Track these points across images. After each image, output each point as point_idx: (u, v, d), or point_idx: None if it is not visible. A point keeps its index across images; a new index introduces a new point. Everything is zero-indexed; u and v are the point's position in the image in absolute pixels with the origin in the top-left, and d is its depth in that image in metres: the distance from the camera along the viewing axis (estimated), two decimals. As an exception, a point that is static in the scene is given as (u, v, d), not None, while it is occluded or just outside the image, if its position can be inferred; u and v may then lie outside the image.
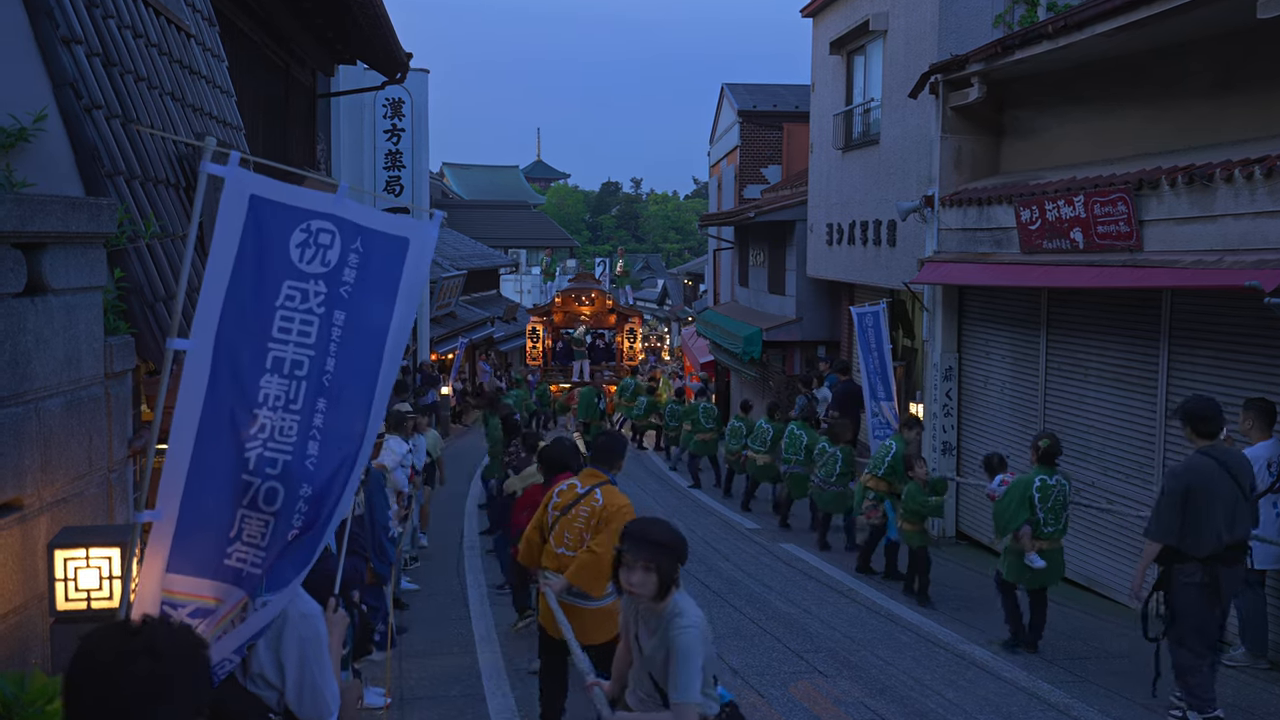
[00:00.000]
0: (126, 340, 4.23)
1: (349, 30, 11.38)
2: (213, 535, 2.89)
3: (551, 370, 27.79)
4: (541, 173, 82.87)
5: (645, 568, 3.48)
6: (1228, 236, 7.09)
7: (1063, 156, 9.76)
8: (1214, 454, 5.69)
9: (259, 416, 2.92)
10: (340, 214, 3.09)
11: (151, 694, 1.67)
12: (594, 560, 5.14)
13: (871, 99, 14.27)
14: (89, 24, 4.68)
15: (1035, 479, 7.24)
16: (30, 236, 3.45)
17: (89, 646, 1.74)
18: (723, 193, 27.05)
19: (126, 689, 1.66)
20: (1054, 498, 7.27)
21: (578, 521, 5.37)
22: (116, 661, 1.68)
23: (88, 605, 3.35)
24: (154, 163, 5.06)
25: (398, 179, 19.37)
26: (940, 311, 11.34)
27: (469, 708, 6.33)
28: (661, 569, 3.48)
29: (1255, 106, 7.53)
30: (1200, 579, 5.64)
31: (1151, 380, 8.36)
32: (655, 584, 3.48)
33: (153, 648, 1.71)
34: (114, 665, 1.68)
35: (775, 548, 11.17)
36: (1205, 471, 5.63)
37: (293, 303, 2.99)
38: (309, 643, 3.08)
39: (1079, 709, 6.27)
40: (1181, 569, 5.71)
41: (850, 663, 7.15)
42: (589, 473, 5.59)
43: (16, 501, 3.39)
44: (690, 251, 66.82)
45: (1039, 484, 7.23)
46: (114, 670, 1.67)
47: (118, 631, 1.77)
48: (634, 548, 3.52)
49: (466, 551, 10.81)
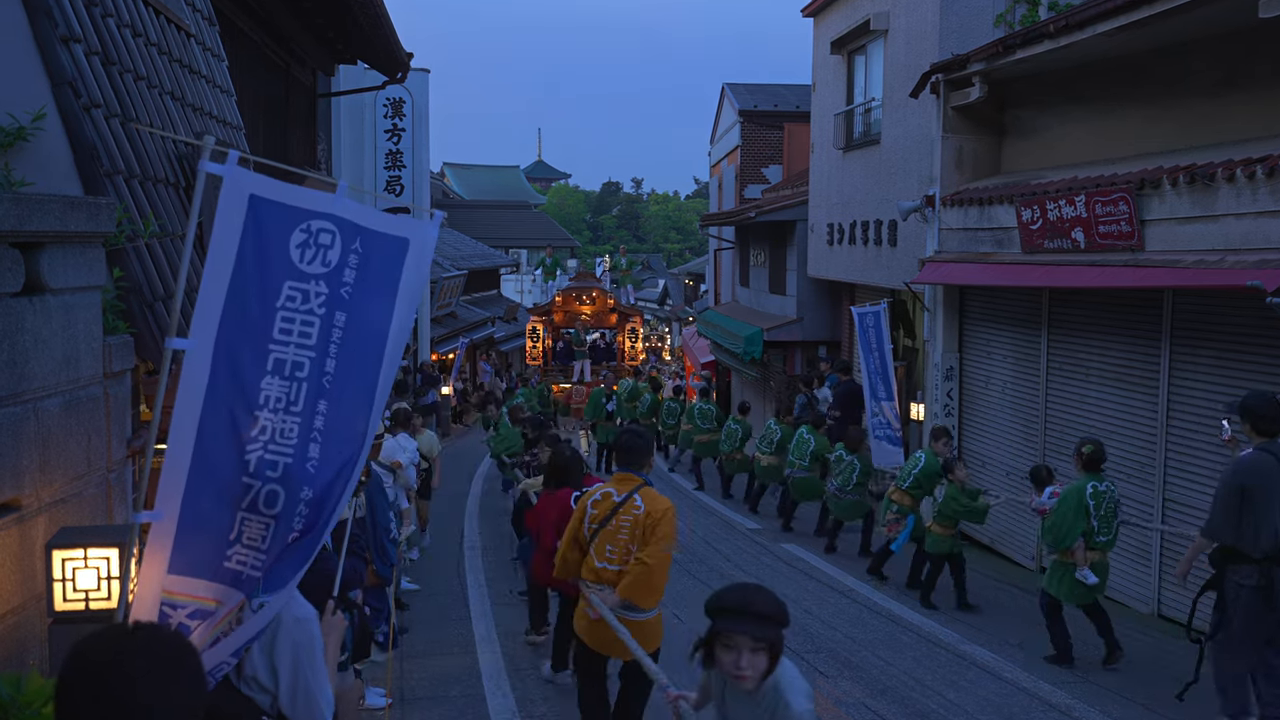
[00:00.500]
0: (125, 340, 4.22)
1: (350, 30, 11.37)
2: (213, 537, 2.87)
3: (552, 370, 27.25)
4: (542, 172, 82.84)
5: (754, 649, 2.91)
6: (1229, 236, 7.07)
7: (1064, 156, 9.74)
8: (1274, 450, 5.49)
9: (260, 418, 2.90)
10: (340, 214, 3.07)
11: (147, 696, 1.66)
12: (646, 573, 4.86)
13: (872, 99, 14.25)
14: (88, 23, 4.67)
15: (1087, 486, 6.94)
16: (29, 236, 3.44)
17: (82, 649, 1.73)
18: (723, 193, 27.04)
19: (121, 692, 1.65)
20: (1105, 505, 6.97)
21: (621, 534, 5.01)
22: (111, 664, 1.67)
23: (86, 606, 3.34)
24: (153, 162, 5.05)
25: (398, 179, 19.36)
26: (941, 311, 11.32)
27: (469, 708, 6.32)
28: (774, 647, 2.94)
29: (1257, 106, 7.51)
30: (1256, 581, 5.45)
31: (1153, 380, 8.34)
32: (766, 664, 2.94)
33: (148, 649, 1.70)
34: (108, 668, 1.67)
35: (776, 548, 11.15)
36: (1264, 469, 5.43)
37: (294, 303, 2.97)
38: (302, 647, 3.07)
39: (1080, 710, 6.26)
40: (1236, 570, 5.52)
41: (851, 663, 7.14)
42: (622, 477, 5.17)
43: (14, 502, 3.38)
44: (691, 251, 66.81)
45: (1091, 491, 6.92)
46: (109, 673, 1.66)
47: (111, 634, 1.76)
48: (737, 625, 2.91)
49: (467, 552, 10.79)
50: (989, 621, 8.20)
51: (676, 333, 44.05)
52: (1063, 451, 9.55)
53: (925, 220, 11.30)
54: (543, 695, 6.55)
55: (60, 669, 1.72)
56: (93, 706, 1.64)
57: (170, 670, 1.69)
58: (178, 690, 1.69)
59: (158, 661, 1.69)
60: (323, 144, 14.80)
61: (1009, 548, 10.45)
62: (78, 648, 1.73)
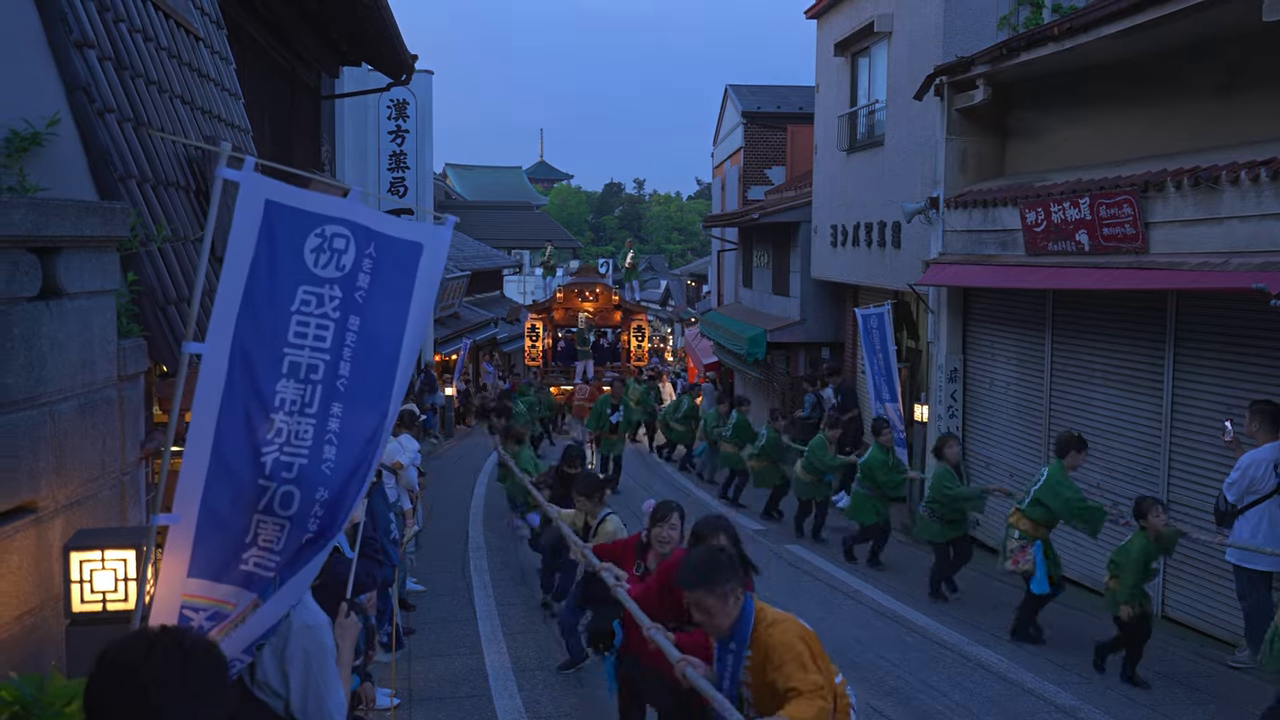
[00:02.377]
0: (139, 343, 4.25)
1: (355, 32, 11.41)
2: (229, 540, 2.90)
3: (552, 371, 26.17)
4: (545, 173, 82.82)
5: None
6: (1234, 238, 7.09)
7: (1068, 158, 9.76)
8: None
9: (275, 421, 2.93)
10: (355, 219, 3.10)
11: (185, 694, 1.68)
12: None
13: (876, 100, 14.28)
14: (101, 28, 4.70)
15: None
16: (45, 241, 3.47)
17: (113, 653, 1.74)
18: (726, 194, 27.05)
19: (156, 692, 1.67)
20: None
21: None
22: (145, 664, 1.69)
23: (103, 607, 3.37)
24: (165, 166, 5.09)
25: (402, 180, 19.39)
26: (945, 313, 11.34)
27: (476, 708, 6.36)
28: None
29: (1261, 108, 7.53)
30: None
31: (1157, 382, 8.36)
32: None
33: (180, 647, 1.72)
34: (143, 668, 1.69)
35: (780, 549, 11.17)
36: None
37: (308, 308, 3.00)
38: (313, 654, 3.10)
39: (1086, 711, 6.29)
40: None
41: (856, 664, 7.16)
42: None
43: (31, 504, 3.41)
44: (693, 252, 66.79)
45: None
46: (143, 673, 1.69)
47: (140, 637, 1.78)
48: None
49: (472, 553, 10.82)
50: (996, 622, 8.21)
51: (679, 334, 44.05)
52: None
53: (929, 222, 11.32)
54: (550, 695, 6.58)
55: (91, 676, 1.73)
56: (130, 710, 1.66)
57: (203, 668, 1.72)
58: (211, 688, 1.72)
59: (191, 659, 1.72)
60: (327, 145, 14.83)
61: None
62: (108, 652, 1.74)
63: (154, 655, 1.71)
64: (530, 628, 8.04)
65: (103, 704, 1.70)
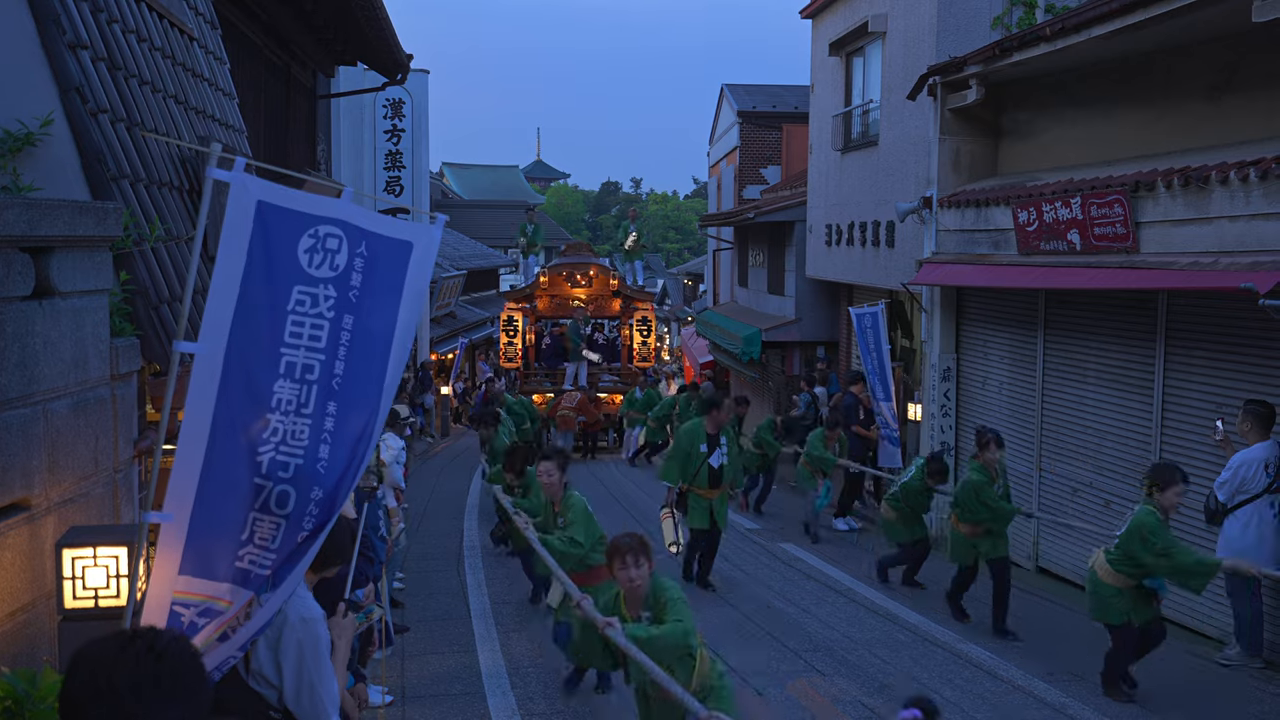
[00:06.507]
0: (132, 342, 4.28)
1: (350, 32, 11.43)
2: (225, 538, 2.93)
3: (534, 375, 20.34)
4: (541, 172, 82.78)
5: None
6: (1223, 238, 7.13)
7: (1060, 158, 9.80)
8: None
9: (271, 420, 2.96)
10: (346, 218, 3.13)
11: (157, 696, 1.69)
12: None
13: (870, 100, 14.32)
14: (94, 29, 4.72)
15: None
16: (38, 240, 3.49)
17: (86, 654, 1.74)
18: (722, 193, 27.09)
19: (128, 694, 1.68)
20: None
21: None
22: (117, 666, 1.69)
23: (95, 604, 3.40)
24: (158, 166, 5.11)
25: (398, 179, 19.41)
26: (938, 312, 11.38)
27: (469, 706, 6.38)
28: None
29: (1251, 109, 7.58)
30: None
31: (1148, 381, 8.41)
32: None
33: (152, 649, 1.73)
34: (115, 670, 1.69)
35: (774, 547, 11.21)
36: None
37: (303, 308, 3.03)
38: (307, 646, 3.13)
39: (1075, 708, 6.32)
40: None
41: (848, 661, 7.20)
42: None
43: (24, 501, 3.43)
44: (690, 251, 66.78)
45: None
46: (115, 675, 1.69)
47: (114, 639, 1.78)
48: None
49: (467, 552, 10.84)
50: (986, 620, 8.24)
51: (675, 333, 44.09)
52: (1058, 452, 9.63)
53: (922, 222, 11.36)
54: (543, 693, 6.61)
55: (64, 678, 1.73)
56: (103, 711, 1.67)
57: (177, 669, 1.72)
58: (187, 689, 1.72)
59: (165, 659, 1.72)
60: (322, 145, 14.85)
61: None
62: (81, 653, 1.74)
63: (125, 657, 1.71)
64: (524, 626, 8.06)
65: (76, 705, 1.69)
